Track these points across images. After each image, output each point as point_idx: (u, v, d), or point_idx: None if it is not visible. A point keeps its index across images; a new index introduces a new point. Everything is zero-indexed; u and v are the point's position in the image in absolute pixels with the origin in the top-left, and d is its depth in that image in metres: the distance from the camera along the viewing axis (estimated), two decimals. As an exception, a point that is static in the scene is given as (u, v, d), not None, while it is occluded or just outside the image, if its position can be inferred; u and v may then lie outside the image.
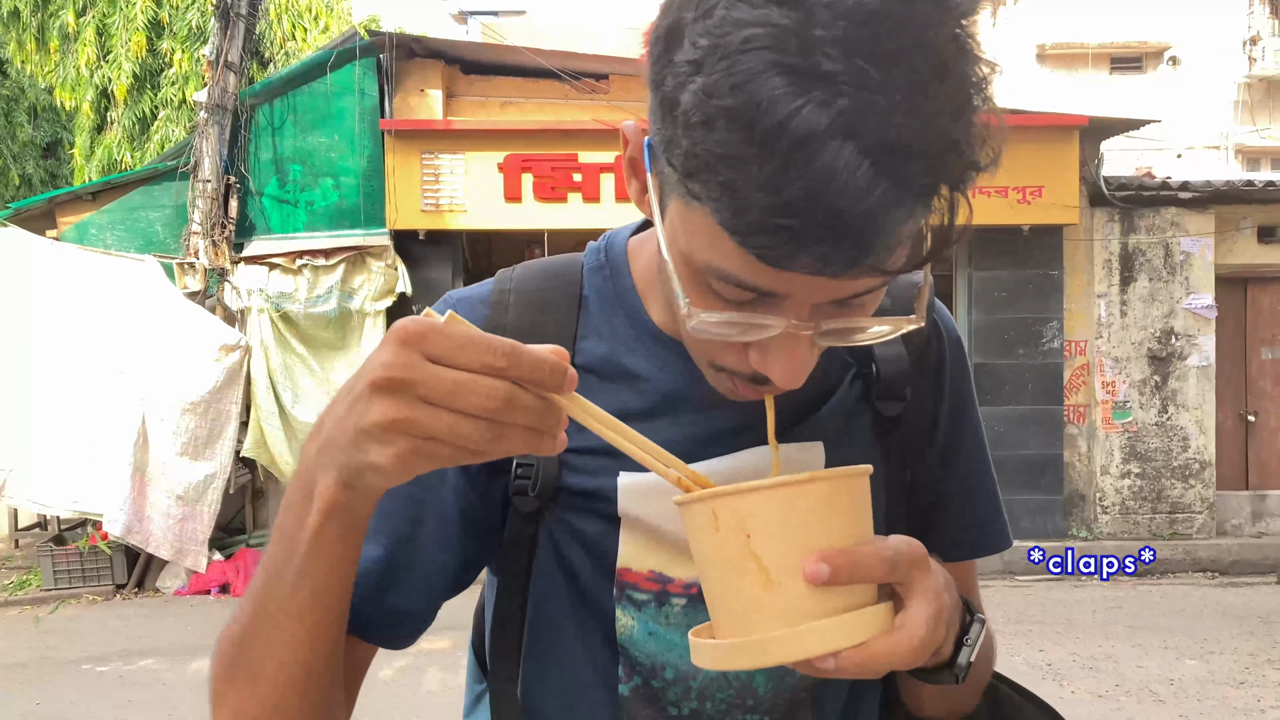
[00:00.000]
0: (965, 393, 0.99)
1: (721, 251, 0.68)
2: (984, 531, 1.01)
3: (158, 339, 7.89)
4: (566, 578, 0.91)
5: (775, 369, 0.73)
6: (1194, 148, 22.66)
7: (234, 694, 0.77)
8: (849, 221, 0.61)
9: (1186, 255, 9.14)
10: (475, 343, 0.62)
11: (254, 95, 8.73)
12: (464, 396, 0.61)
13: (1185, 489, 9.16)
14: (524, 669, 0.93)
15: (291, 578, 0.71)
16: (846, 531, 0.69)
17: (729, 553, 0.69)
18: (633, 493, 0.87)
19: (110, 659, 6.32)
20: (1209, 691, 5.48)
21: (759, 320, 0.71)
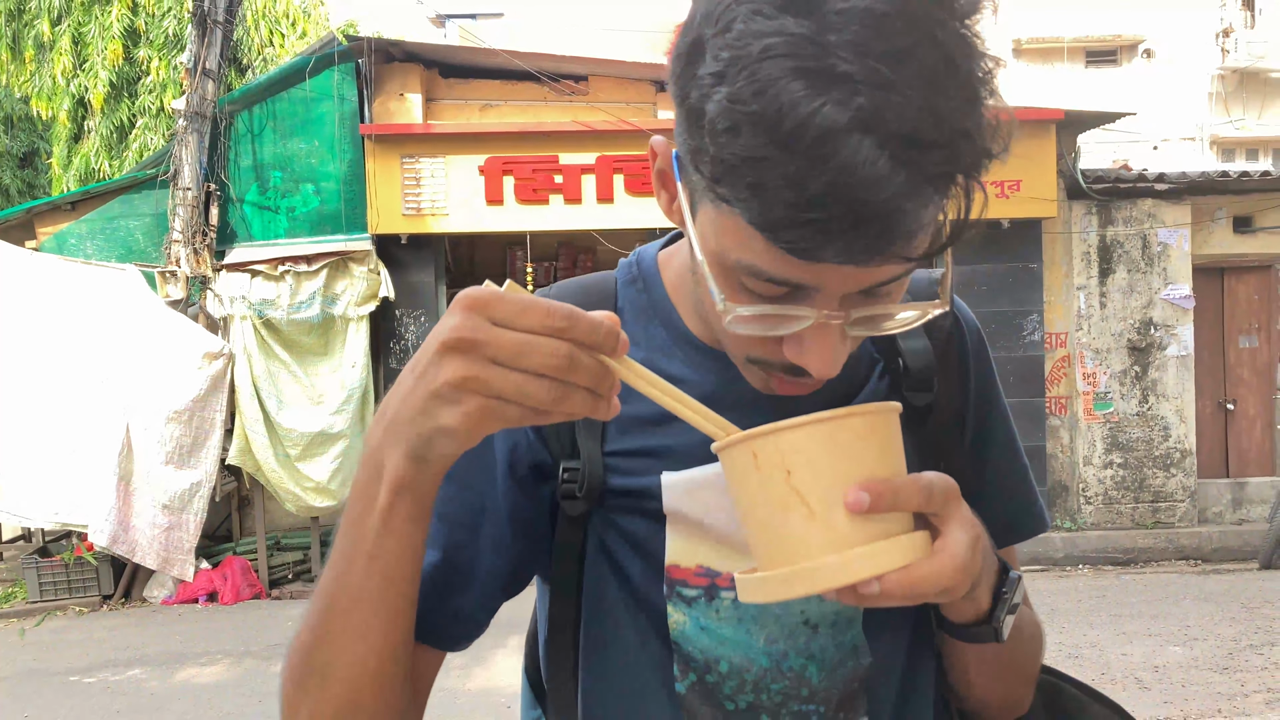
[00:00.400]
0: (990, 381, 1.02)
1: (752, 249, 0.71)
2: (1022, 516, 1.04)
3: (140, 348, 7.87)
4: (617, 579, 0.92)
5: (811, 359, 0.76)
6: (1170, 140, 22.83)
7: (307, 702, 0.78)
8: (872, 210, 0.65)
9: (1164, 246, 9.23)
10: (536, 306, 0.66)
11: (233, 102, 8.72)
12: (530, 355, 0.65)
13: (1167, 478, 9.25)
14: (581, 673, 0.94)
15: (362, 564, 0.73)
16: (882, 464, 0.72)
17: (771, 491, 0.71)
18: (677, 489, 0.90)
19: (98, 670, 6.30)
20: (1193, 677, 5.54)
21: (791, 312, 0.74)
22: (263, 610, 7.83)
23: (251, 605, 8.00)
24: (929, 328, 0.96)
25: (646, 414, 0.89)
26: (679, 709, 0.92)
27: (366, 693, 0.77)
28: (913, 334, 0.96)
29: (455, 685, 5.70)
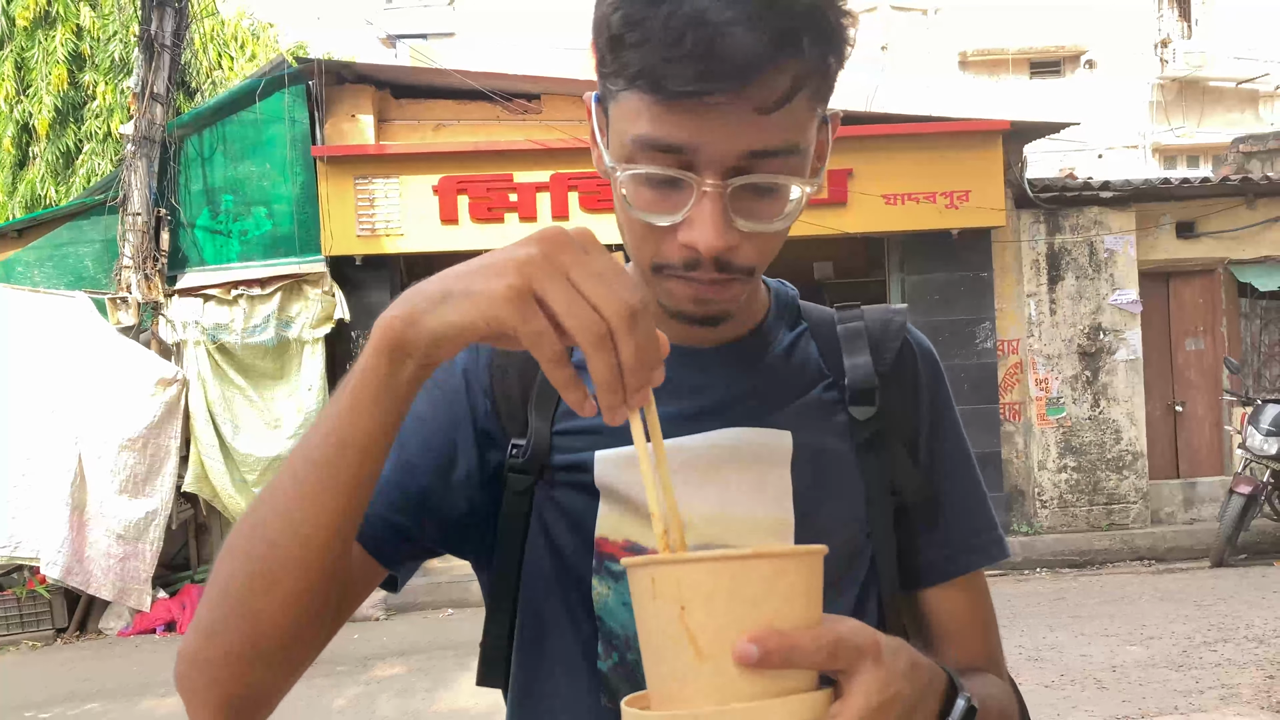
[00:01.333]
0: (943, 405, 1.04)
1: (642, 119, 0.81)
2: (979, 542, 1.04)
3: (91, 376, 7.76)
4: (552, 553, 0.95)
5: (696, 232, 0.82)
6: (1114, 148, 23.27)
7: (230, 560, 0.79)
8: (722, 44, 0.75)
9: (1110, 253, 9.40)
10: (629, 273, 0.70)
11: (182, 126, 8.64)
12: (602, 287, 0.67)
13: (1120, 480, 9.40)
14: (515, 647, 0.98)
15: (324, 428, 0.75)
16: (788, 613, 0.67)
17: (665, 623, 0.67)
18: (609, 464, 0.93)
19: (53, 705, 6.18)
20: (1150, 676, 5.63)
21: (675, 174, 0.81)
22: (222, 639, 7.71)
23: (210, 634, 7.86)
24: (876, 347, 1.01)
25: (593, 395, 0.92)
26: (600, 687, 0.94)
27: (288, 560, 0.76)
28: (856, 350, 1.00)
29: (420, 707, 5.66)
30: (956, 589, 1.03)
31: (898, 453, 0.99)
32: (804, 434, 0.96)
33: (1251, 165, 10.38)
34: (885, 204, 8.74)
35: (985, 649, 1.04)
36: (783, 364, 1.00)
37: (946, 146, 8.85)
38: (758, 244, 0.85)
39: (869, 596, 0.99)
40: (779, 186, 0.83)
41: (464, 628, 7.17)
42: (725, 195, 0.81)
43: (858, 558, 0.98)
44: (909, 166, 8.68)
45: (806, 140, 0.84)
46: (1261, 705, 5.06)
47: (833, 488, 0.96)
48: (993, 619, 1.07)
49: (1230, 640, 6.21)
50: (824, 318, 1.05)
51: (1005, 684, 1.02)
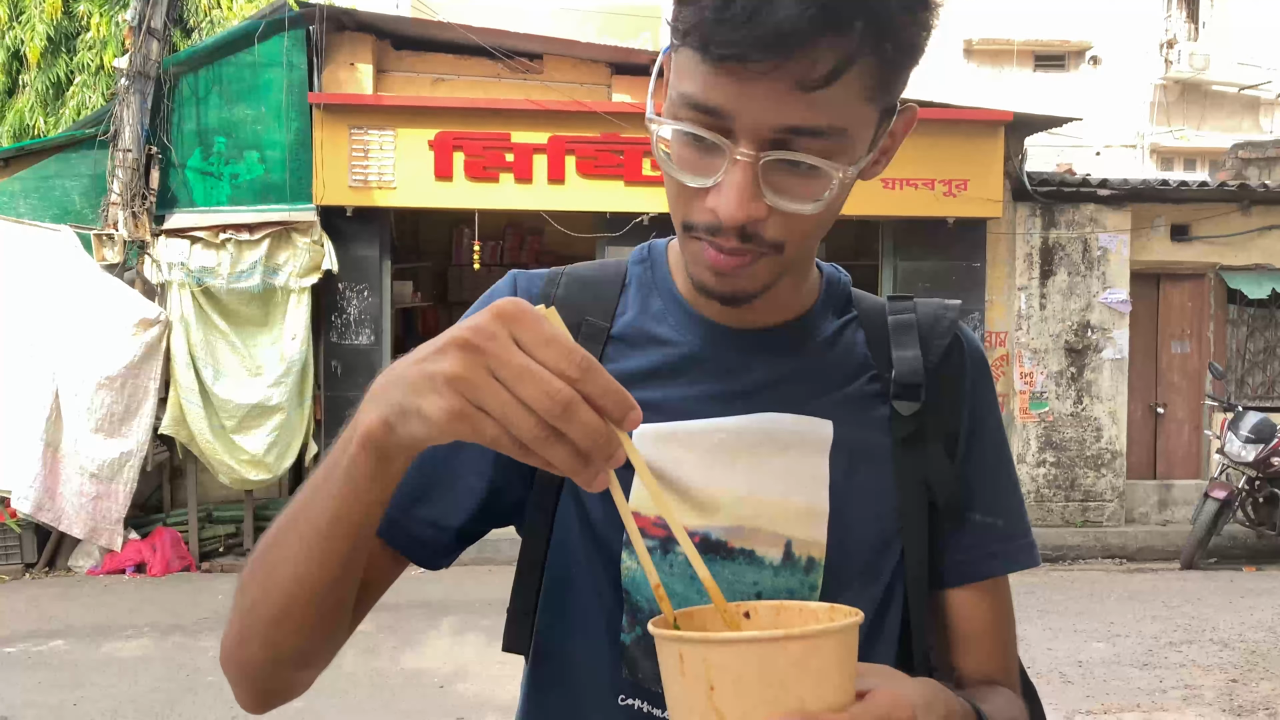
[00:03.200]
0: (988, 409, 1.03)
1: (690, 77, 0.81)
2: (1009, 547, 1.03)
3: (72, 312, 7.67)
4: (582, 523, 0.95)
5: (722, 200, 0.81)
6: (1111, 146, 23.26)
7: (253, 588, 0.85)
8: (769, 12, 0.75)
9: (1104, 251, 9.41)
10: (560, 342, 0.65)
11: (178, 64, 8.51)
12: (527, 385, 0.64)
13: (1097, 478, 9.45)
14: (539, 612, 0.99)
15: (321, 499, 0.78)
16: (820, 692, 0.65)
17: (693, 699, 0.66)
18: (648, 439, 0.93)
19: (18, 640, 6.15)
20: (1114, 673, 5.67)
21: (709, 135, 0.81)
22: (192, 583, 7.70)
23: (181, 578, 7.86)
24: (926, 341, 0.99)
25: (636, 369, 0.96)
26: (621, 659, 0.94)
27: (299, 604, 0.81)
28: (905, 343, 0.99)
29: (386, 666, 5.65)
30: (979, 592, 1.02)
31: (936, 451, 0.98)
32: (844, 424, 0.95)
33: (1249, 172, 10.38)
34: (882, 188, 8.70)
35: (1001, 659, 1.03)
36: (828, 352, 0.99)
37: (948, 134, 8.80)
38: (789, 222, 0.84)
39: (895, 593, 0.98)
40: (816, 167, 0.81)
41: (434, 587, 7.15)
42: (757, 166, 0.80)
43: (887, 553, 0.97)
44: (908, 151, 8.54)
45: (853, 126, 0.82)
46: (1223, 708, 5.11)
47: (868, 482, 0.95)
48: (1011, 627, 1.05)
49: (1196, 642, 6.27)
50: (874, 307, 1.04)
51: (1018, 699, 1.02)
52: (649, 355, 0.97)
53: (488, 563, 5.89)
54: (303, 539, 0.79)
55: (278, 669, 0.87)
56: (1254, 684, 5.48)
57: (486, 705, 4.96)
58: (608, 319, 0.99)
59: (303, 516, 0.80)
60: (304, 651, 0.86)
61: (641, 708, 0.94)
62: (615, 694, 0.95)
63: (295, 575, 0.80)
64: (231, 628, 0.87)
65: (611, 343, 0.98)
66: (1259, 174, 10.32)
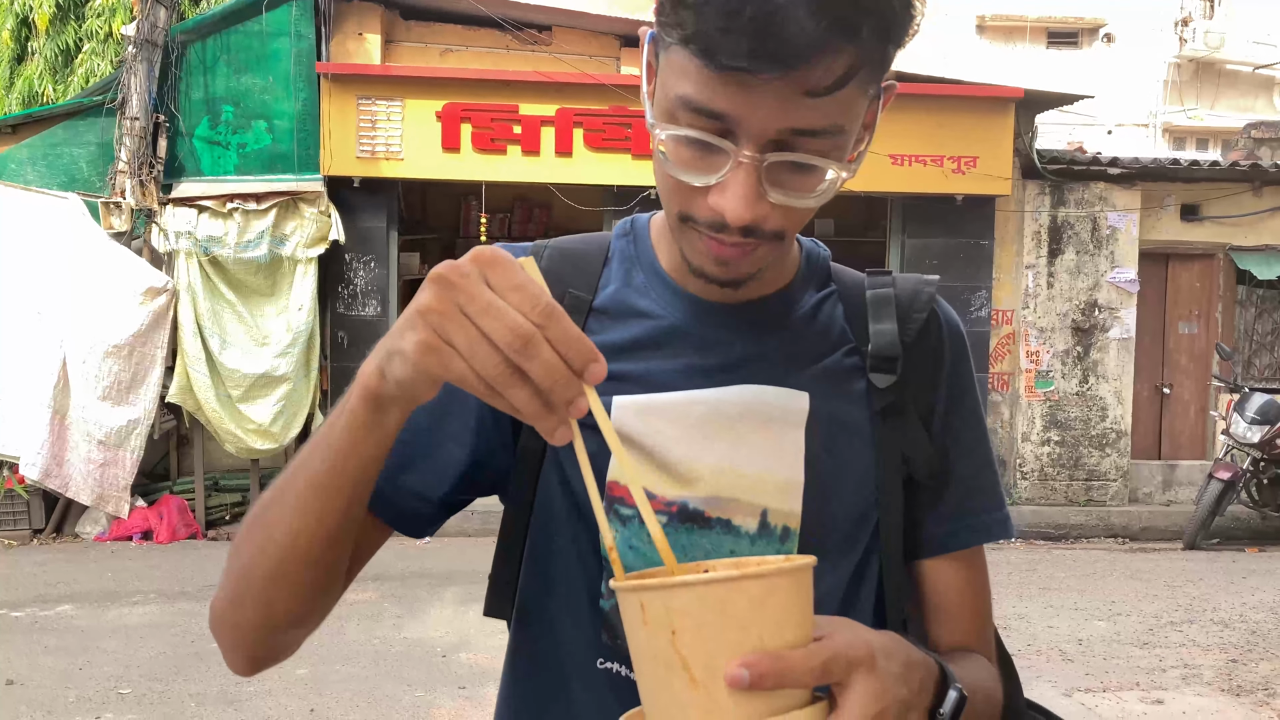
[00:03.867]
0: (965, 382, 1.04)
1: (689, 79, 0.80)
2: (984, 519, 1.04)
3: (80, 280, 7.68)
4: (564, 491, 0.96)
5: (727, 201, 0.81)
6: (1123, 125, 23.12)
7: (247, 548, 0.86)
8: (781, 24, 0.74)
9: (1112, 230, 9.36)
10: (529, 287, 0.67)
11: (185, 32, 8.48)
12: (491, 319, 0.66)
13: (1102, 457, 9.45)
14: (521, 578, 1.01)
15: (320, 452, 0.80)
16: (779, 632, 0.67)
17: (657, 648, 0.67)
18: (628, 410, 0.94)
19: (25, 604, 6.20)
20: (1114, 651, 5.69)
21: (713, 140, 0.81)
22: (198, 551, 7.75)
23: (187, 545, 7.91)
24: (903, 315, 1.00)
25: (617, 341, 0.97)
26: (601, 623, 0.96)
27: (293, 561, 0.83)
28: (883, 317, 1.00)
29: (389, 635, 5.69)
30: (954, 563, 1.03)
31: (913, 424, 0.99)
32: (821, 397, 0.96)
33: (1261, 152, 10.30)
34: (891, 164, 8.66)
35: (976, 629, 1.04)
36: (806, 326, 1.00)
37: (958, 110, 8.75)
38: (788, 213, 0.85)
39: (870, 564, 0.99)
40: (817, 165, 0.83)
41: (439, 557, 7.19)
42: (761, 168, 0.81)
43: (863, 525, 0.98)
44: (919, 128, 8.57)
45: (852, 122, 0.83)
46: (1222, 688, 5.13)
47: (845, 453, 0.97)
48: (986, 598, 1.06)
49: (1196, 622, 6.29)
50: (854, 281, 1.04)
51: (992, 666, 1.03)
52: (631, 328, 0.99)
53: (491, 534, 5.90)
54: (300, 495, 0.81)
55: (270, 631, 0.89)
56: (1253, 664, 5.49)
57: (488, 675, 5.00)
58: (590, 291, 1.01)
59: (302, 472, 0.81)
60: (297, 612, 0.87)
61: (620, 671, 0.95)
62: (595, 658, 0.96)
63: (292, 531, 0.82)
64: (223, 590, 0.89)
65: (594, 315, 1.00)
66: (1271, 154, 10.24)
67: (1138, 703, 4.90)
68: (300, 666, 5.10)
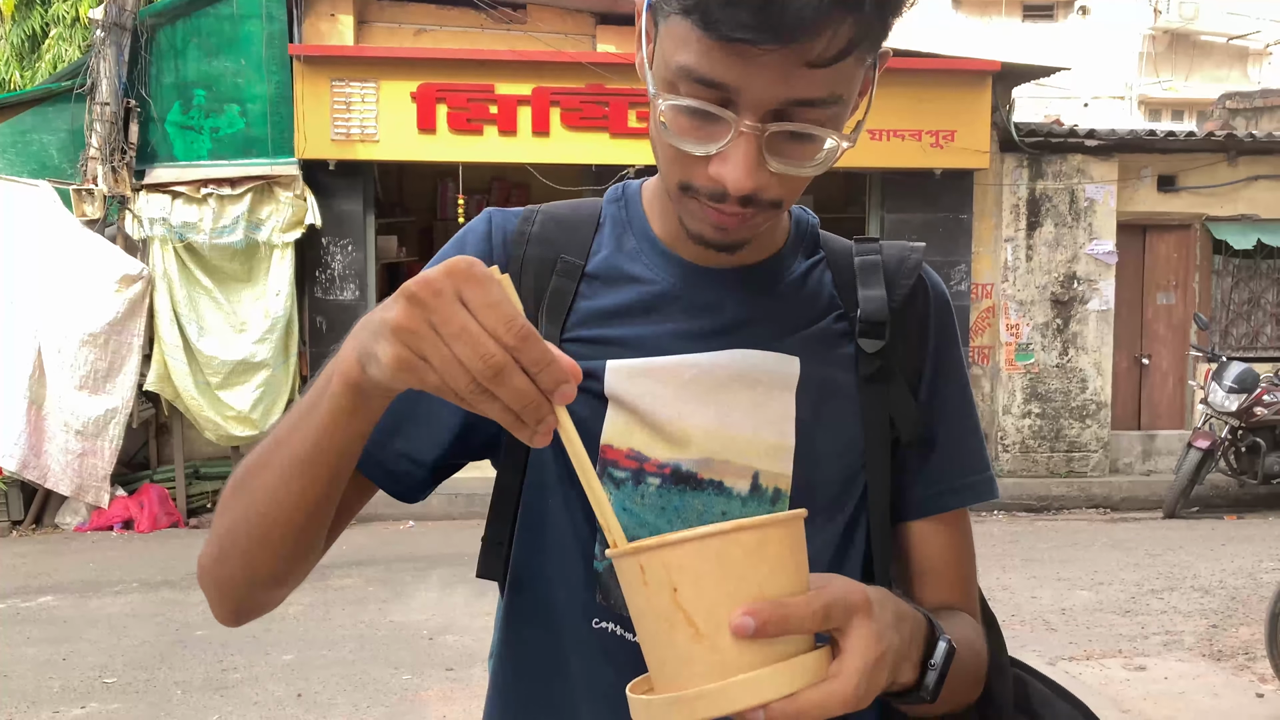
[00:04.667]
0: (950, 348, 1.06)
1: (689, 49, 0.80)
2: (969, 481, 1.05)
3: (53, 269, 7.60)
4: (556, 455, 0.96)
5: (728, 171, 0.82)
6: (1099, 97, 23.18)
7: (232, 510, 0.88)
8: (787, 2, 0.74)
9: (1090, 202, 9.39)
10: (502, 308, 0.67)
11: (155, 15, 8.36)
12: (463, 345, 0.66)
13: (1082, 429, 9.51)
14: (514, 541, 1.01)
15: (303, 429, 0.80)
16: (777, 580, 0.69)
17: (658, 606, 0.69)
18: (620, 374, 0.96)
19: (7, 597, 6.15)
20: (1097, 620, 5.74)
21: (715, 110, 0.81)
22: (180, 539, 7.71)
23: (169, 534, 7.86)
24: (891, 281, 1.02)
25: (610, 306, 0.98)
26: (595, 584, 0.97)
27: (277, 529, 0.85)
28: (871, 283, 1.01)
29: (374, 619, 5.68)
30: (939, 525, 1.04)
31: (900, 388, 1.00)
32: (811, 362, 0.98)
33: (1236, 122, 10.35)
34: (870, 139, 8.64)
35: (961, 590, 1.05)
36: (796, 291, 1.01)
37: (935, 84, 8.74)
38: (786, 182, 0.86)
39: (858, 526, 1.00)
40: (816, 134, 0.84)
41: (424, 541, 7.18)
42: (761, 138, 0.82)
43: (851, 487, 0.99)
44: (896, 102, 8.56)
45: (851, 91, 0.84)
46: (1203, 653, 5.18)
47: (834, 417, 0.98)
48: (971, 560, 1.08)
49: (1177, 589, 6.34)
50: (842, 249, 1.06)
51: (977, 624, 1.05)
52: (623, 293, 0.99)
53: (477, 517, 5.90)
54: (284, 468, 0.82)
55: (253, 588, 0.91)
56: (1233, 629, 5.55)
57: (475, 657, 4.99)
58: (582, 257, 1.01)
59: (285, 445, 0.82)
60: (279, 573, 0.89)
61: (614, 630, 0.97)
62: (589, 618, 0.97)
63: (275, 501, 0.83)
64: (210, 546, 0.90)
65: (586, 280, 1.00)
66: (1246, 124, 10.28)
67: (1121, 669, 4.94)
68: (287, 652, 5.08)
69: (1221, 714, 4.43)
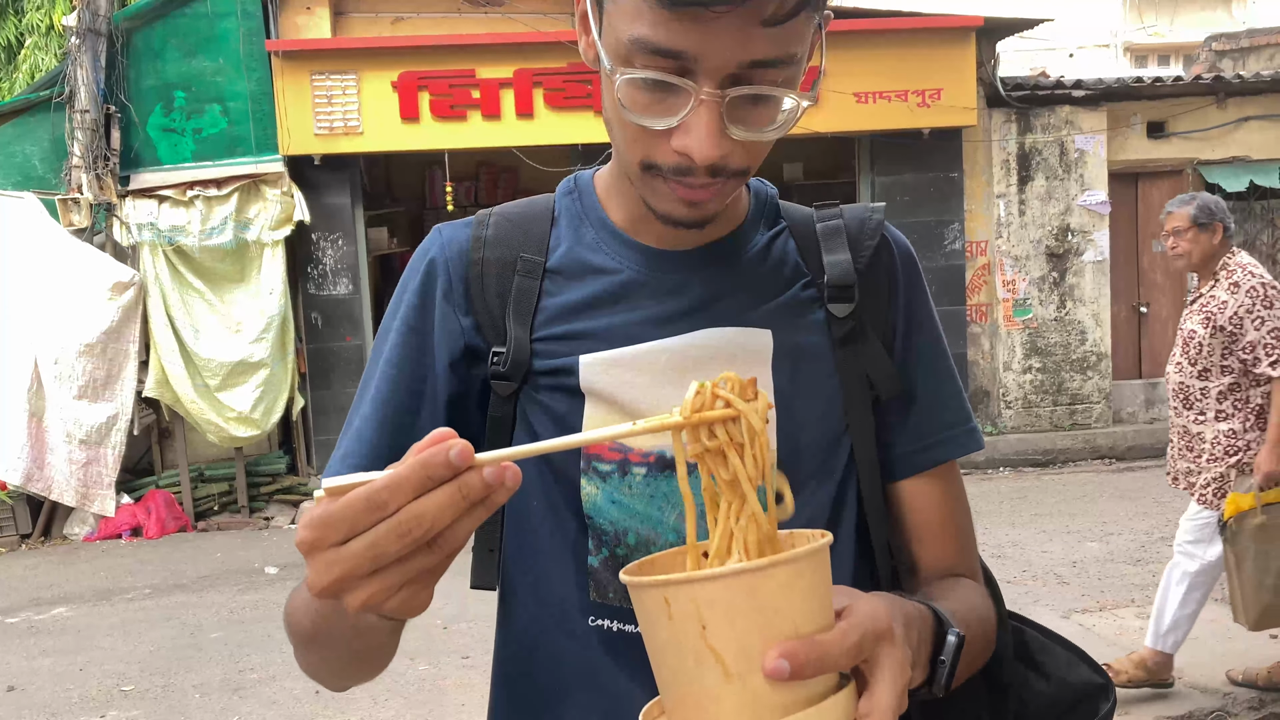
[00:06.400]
0: (919, 302, 1.05)
1: (640, 20, 0.79)
2: (953, 433, 1.04)
3: (44, 279, 7.56)
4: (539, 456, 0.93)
5: (692, 141, 0.82)
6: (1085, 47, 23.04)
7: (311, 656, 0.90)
8: None
9: (1080, 153, 9.35)
10: (354, 504, 0.61)
11: (129, 18, 8.29)
12: (386, 550, 0.61)
13: (1084, 381, 9.50)
14: (504, 545, 1.02)
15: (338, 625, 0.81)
16: (807, 613, 0.66)
17: (684, 642, 0.66)
18: (594, 367, 0.96)
19: (20, 610, 6.16)
20: (1108, 570, 5.75)
21: (673, 80, 0.80)
22: (189, 543, 7.71)
23: (178, 538, 7.87)
24: (854, 244, 1.02)
25: (576, 300, 0.98)
26: (588, 581, 0.97)
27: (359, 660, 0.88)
28: (835, 247, 1.01)
29: (390, 609, 5.68)
30: (929, 481, 1.03)
31: (874, 347, 1.01)
32: (783, 332, 0.98)
33: (1223, 64, 10.28)
34: (856, 103, 8.59)
35: (958, 546, 1.04)
36: (761, 263, 1.01)
37: (919, 43, 8.68)
38: (750, 149, 0.86)
39: (848, 489, 1.01)
40: (775, 96, 0.83)
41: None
42: (722, 104, 0.81)
43: (837, 450, 0.99)
44: (881, 64, 8.50)
45: (804, 50, 0.84)
46: (1215, 596, 5.18)
47: (812, 384, 0.98)
48: (966, 514, 1.07)
49: (1187, 536, 6.34)
50: (803, 217, 1.06)
51: (980, 586, 1.04)
52: (588, 285, 0.99)
53: (482, 503, 5.90)
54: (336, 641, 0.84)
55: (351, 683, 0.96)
56: (1245, 572, 5.55)
57: (491, 643, 4.99)
58: (542, 254, 1.01)
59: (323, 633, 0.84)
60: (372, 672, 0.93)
61: (612, 626, 0.97)
62: (586, 616, 0.97)
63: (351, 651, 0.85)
64: (299, 659, 0.92)
65: (549, 276, 1.00)
66: (1233, 65, 10.21)
67: (1135, 619, 4.94)
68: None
69: (1236, 656, 4.44)
